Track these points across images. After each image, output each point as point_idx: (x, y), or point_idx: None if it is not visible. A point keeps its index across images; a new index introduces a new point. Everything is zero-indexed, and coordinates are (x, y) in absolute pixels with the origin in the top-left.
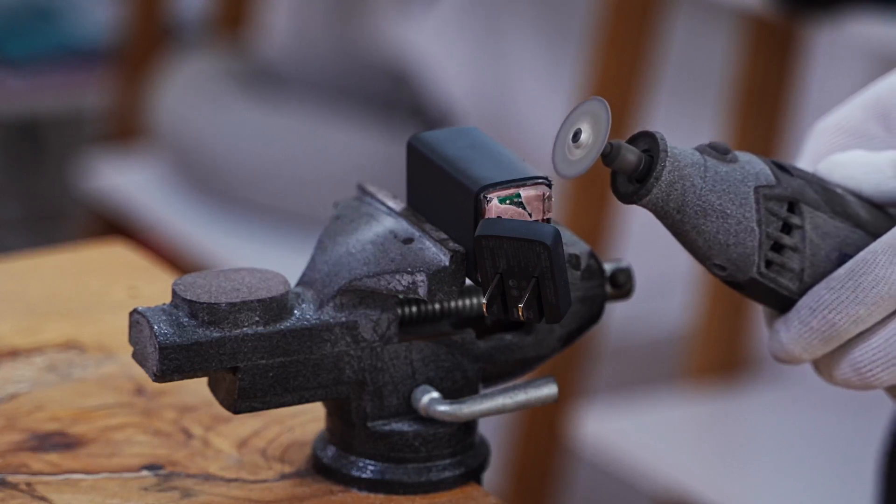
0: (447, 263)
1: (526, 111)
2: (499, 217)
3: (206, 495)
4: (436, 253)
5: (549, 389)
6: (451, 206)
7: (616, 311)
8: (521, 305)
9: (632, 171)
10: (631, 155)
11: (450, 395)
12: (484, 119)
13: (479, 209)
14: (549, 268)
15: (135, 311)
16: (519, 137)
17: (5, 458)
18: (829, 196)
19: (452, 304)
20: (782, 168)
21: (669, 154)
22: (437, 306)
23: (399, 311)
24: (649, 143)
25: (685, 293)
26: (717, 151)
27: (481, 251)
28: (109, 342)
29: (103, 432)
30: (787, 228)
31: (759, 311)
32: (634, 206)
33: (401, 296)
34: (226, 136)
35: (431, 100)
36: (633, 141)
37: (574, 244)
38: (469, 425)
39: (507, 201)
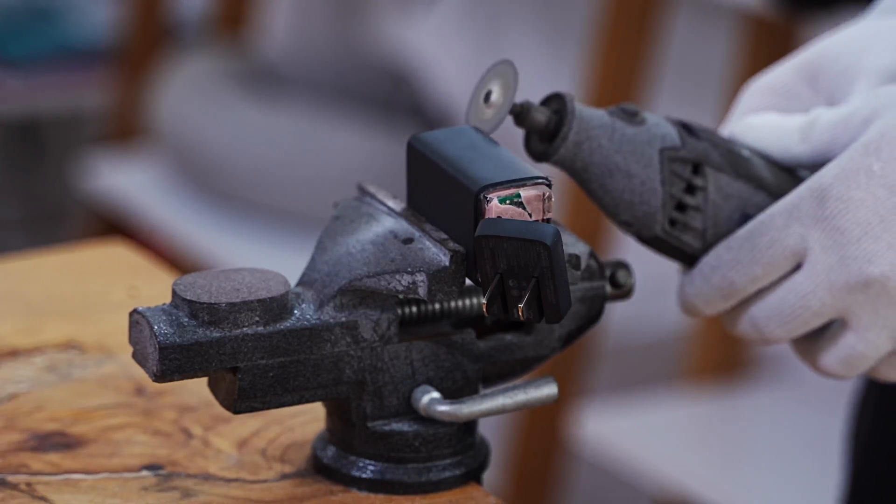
0: (447, 263)
1: None
2: (499, 217)
3: (206, 495)
4: (436, 253)
5: (549, 389)
6: (451, 206)
7: (616, 311)
8: (521, 305)
9: (541, 131)
10: (540, 115)
11: (450, 395)
12: None
13: (479, 209)
14: (549, 268)
15: (135, 311)
16: (519, 137)
17: (5, 458)
18: (734, 158)
19: (452, 304)
20: (690, 131)
21: (577, 115)
22: (437, 306)
23: (399, 311)
24: (559, 105)
25: None
26: (626, 114)
27: (481, 251)
28: (109, 342)
29: (103, 432)
30: (690, 189)
31: None
32: None
33: (401, 296)
34: (226, 136)
35: (431, 100)
36: (544, 102)
37: (574, 244)
38: (469, 425)
39: (507, 201)
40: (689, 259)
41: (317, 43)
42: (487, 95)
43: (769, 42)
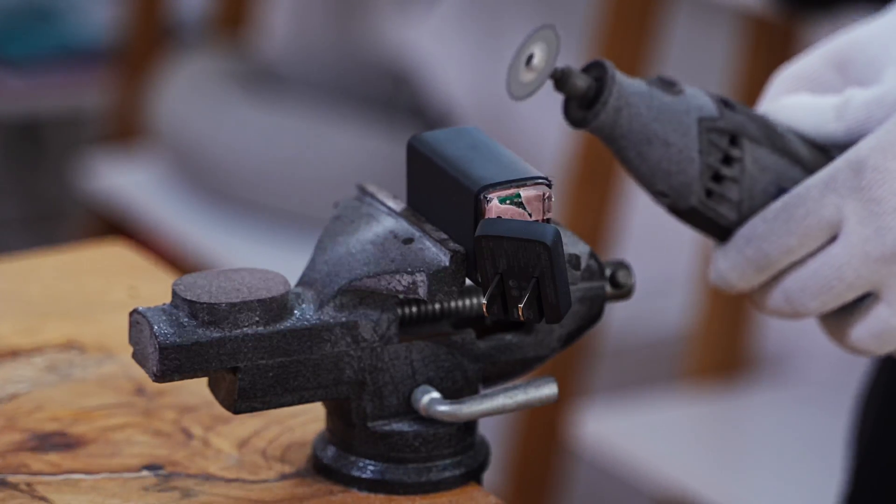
0: (447, 263)
1: (526, 111)
2: (499, 217)
3: (206, 495)
4: (436, 253)
5: (549, 389)
6: (452, 207)
7: (616, 311)
8: (521, 305)
9: (581, 97)
10: (580, 81)
11: (450, 395)
12: (484, 119)
13: (479, 209)
14: (549, 268)
15: (135, 311)
16: (519, 137)
17: (5, 458)
18: (770, 132)
19: (452, 304)
20: (727, 104)
21: (617, 82)
22: (437, 306)
23: (399, 311)
24: (600, 72)
25: (685, 293)
26: (665, 84)
27: (481, 251)
28: (109, 342)
29: (103, 432)
30: (727, 160)
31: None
32: (634, 206)
33: (401, 296)
34: (226, 136)
35: (431, 100)
36: (585, 70)
37: (574, 244)
38: (469, 425)
39: (507, 201)
40: (723, 232)
41: (317, 43)
42: (529, 59)
43: (769, 42)
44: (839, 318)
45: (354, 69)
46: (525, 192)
